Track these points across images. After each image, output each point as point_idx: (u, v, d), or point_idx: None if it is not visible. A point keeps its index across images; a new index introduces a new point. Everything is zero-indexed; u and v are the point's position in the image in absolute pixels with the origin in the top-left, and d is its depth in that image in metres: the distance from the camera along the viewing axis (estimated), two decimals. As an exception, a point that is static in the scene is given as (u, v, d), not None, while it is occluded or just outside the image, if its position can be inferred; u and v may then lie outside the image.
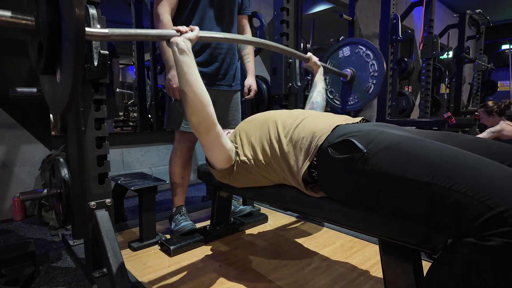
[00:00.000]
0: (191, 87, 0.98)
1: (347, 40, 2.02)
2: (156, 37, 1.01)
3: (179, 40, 1.00)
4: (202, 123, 1.00)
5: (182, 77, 0.99)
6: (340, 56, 2.02)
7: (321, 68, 1.64)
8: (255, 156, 1.06)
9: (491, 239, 0.53)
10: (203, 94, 0.99)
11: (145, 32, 0.97)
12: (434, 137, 0.90)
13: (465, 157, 0.65)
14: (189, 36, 1.03)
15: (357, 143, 0.79)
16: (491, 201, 0.55)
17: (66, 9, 0.69)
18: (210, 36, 1.14)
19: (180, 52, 0.99)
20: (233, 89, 1.76)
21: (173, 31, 1.02)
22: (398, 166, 0.70)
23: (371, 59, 1.86)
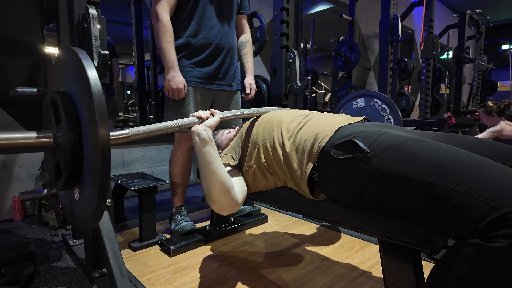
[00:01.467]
0: (215, 176, 0.94)
1: (361, 92, 1.96)
2: (177, 128, 0.96)
3: (200, 129, 0.96)
4: (226, 209, 0.99)
5: (206, 167, 0.95)
6: (354, 107, 1.97)
7: None
8: (258, 159, 1.06)
9: (497, 240, 0.53)
10: (227, 181, 0.96)
11: (165, 125, 0.93)
12: (437, 138, 0.90)
13: (469, 158, 0.65)
14: (210, 123, 0.99)
15: (360, 143, 0.79)
16: (495, 202, 0.55)
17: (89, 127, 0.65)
18: (231, 115, 1.13)
19: (202, 142, 0.95)
20: (233, 89, 1.76)
21: (195, 119, 0.98)
22: (401, 166, 0.70)
23: (387, 114, 1.81)
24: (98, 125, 0.62)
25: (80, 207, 0.76)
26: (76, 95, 0.71)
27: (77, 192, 0.76)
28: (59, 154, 0.74)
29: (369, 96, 1.92)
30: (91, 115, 0.63)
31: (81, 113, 0.69)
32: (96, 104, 0.62)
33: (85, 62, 0.65)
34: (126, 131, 0.83)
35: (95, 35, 1.05)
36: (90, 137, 0.66)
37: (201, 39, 1.58)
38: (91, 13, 1.07)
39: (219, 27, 1.62)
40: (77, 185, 0.76)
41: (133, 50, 3.31)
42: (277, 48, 1.95)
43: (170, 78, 1.51)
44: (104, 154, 0.63)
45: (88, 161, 0.68)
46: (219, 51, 1.63)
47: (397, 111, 1.80)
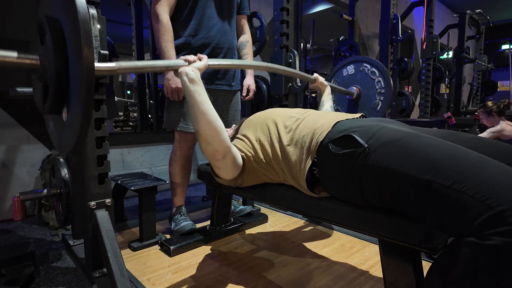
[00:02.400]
0: (205, 116, 0.96)
1: (350, 59, 1.99)
2: (164, 68, 0.99)
3: (188, 70, 0.98)
4: (219, 151, 0.99)
5: (195, 107, 0.96)
6: (345, 75, 2.00)
7: (328, 87, 1.64)
8: (255, 154, 1.06)
9: (492, 238, 0.53)
10: (217, 122, 0.97)
11: (153, 64, 0.95)
12: (436, 134, 0.90)
13: (466, 155, 0.65)
14: (198, 65, 1.01)
15: (358, 138, 0.79)
16: (491, 201, 0.55)
17: (74, 48, 0.67)
18: (219, 63, 1.13)
19: (190, 82, 0.97)
20: (233, 89, 1.76)
21: (182, 61, 1.00)
22: (399, 162, 0.70)
23: (377, 76, 1.85)
24: (83, 46, 0.63)
25: (68, 129, 0.78)
26: (63, 19, 0.72)
27: (65, 113, 0.79)
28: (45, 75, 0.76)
29: (358, 62, 1.95)
30: (77, 37, 0.64)
31: (67, 36, 0.71)
32: (82, 26, 0.63)
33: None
34: (113, 64, 0.85)
35: (95, 35, 1.05)
36: (75, 57, 0.67)
37: (200, 39, 1.58)
38: (91, 13, 1.07)
39: (218, 26, 1.62)
40: (64, 107, 0.78)
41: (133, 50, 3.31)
42: (277, 48, 1.95)
43: (170, 78, 1.51)
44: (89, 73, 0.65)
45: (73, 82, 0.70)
46: (218, 51, 1.63)
47: (386, 73, 1.82)
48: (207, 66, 1.06)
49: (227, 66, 1.17)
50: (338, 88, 1.85)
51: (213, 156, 1.01)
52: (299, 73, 1.53)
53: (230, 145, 1.01)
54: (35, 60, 0.77)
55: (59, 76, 0.72)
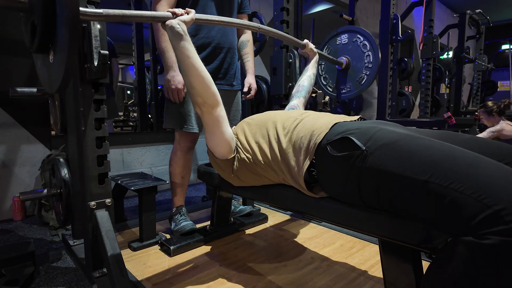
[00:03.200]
0: (194, 70, 1.00)
1: (346, 28, 2.01)
2: (150, 19, 1.01)
3: (174, 22, 1.00)
4: (207, 101, 1.03)
5: (184, 61, 1.00)
6: (338, 43, 2.02)
7: (317, 55, 1.67)
8: (254, 156, 1.06)
9: (489, 237, 0.54)
10: (206, 75, 1.02)
11: (140, 14, 0.97)
12: (433, 135, 0.90)
13: (463, 155, 0.65)
14: (184, 18, 1.03)
15: (356, 140, 0.79)
16: (488, 200, 0.56)
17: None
18: (206, 18, 1.14)
19: (175, 35, 0.99)
20: (233, 89, 1.76)
21: (168, 14, 1.02)
22: (397, 163, 0.70)
23: (368, 50, 1.86)
24: None
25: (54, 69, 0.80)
26: None
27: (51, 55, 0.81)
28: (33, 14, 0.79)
29: (352, 32, 1.96)
30: None
31: None
32: None
33: None
34: (100, 10, 0.88)
35: (95, 35, 1.05)
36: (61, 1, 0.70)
37: (201, 39, 1.58)
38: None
39: (219, 26, 1.61)
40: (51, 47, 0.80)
41: (133, 50, 3.31)
42: (277, 48, 1.95)
43: (170, 78, 1.51)
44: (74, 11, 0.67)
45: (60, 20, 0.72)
46: (219, 51, 1.63)
47: (377, 48, 1.85)
48: (194, 20, 1.08)
49: (215, 23, 1.19)
50: (328, 57, 1.85)
51: (202, 107, 1.04)
52: (288, 37, 1.55)
53: (219, 100, 1.06)
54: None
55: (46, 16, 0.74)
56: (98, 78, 1.12)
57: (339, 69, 1.99)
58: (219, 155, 1.13)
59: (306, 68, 1.65)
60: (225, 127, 1.09)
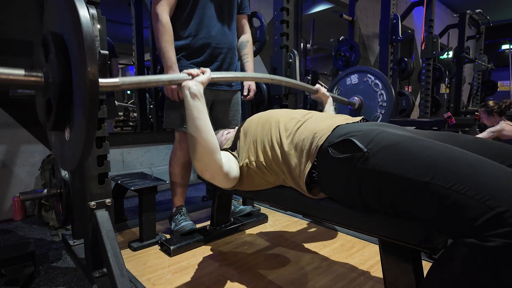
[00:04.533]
0: (200, 133, 0.94)
1: (355, 68, 1.98)
2: (167, 82, 0.98)
3: (191, 84, 0.97)
4: (208, 170, 0.98)
5: (192, 122, 0.96)
6: (348, 83, 1.99)
7: (330, 98, 1.64)
8: (256, 158, 1.06)
9: (492, 239, 0.53)
10: (212, 141, 0.95)
11: (156, 78, 0.94)
12: (435, 137, 0.90)
13: (465, 157, 0.65)
14: (201, 79, 1.00)
15: (357, 142, 0.79)
16: (491, 202, 0.55)
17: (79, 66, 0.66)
18: (221, 76, 1.13)
19: (191, 97, 0.96)
20: (233, 89, 1.76)
21: (185, 75, 1.00)
22: (398, 165, 0.70)
23: (380, 89, 1.84)
24: (87, 64, 0.62)
25: (70, 147, 0.77)
26: (67, 36, 0.72)
27: (67, 133, 0.77)
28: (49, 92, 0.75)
29: (363, 72, 1.94)
30: (81, 55, 0.64)
31: (71, 53, 0.70)
32: (87, 44, 0.63)
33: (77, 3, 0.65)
34: (116, 80, 0.84)
35: (95, 35, 1.05)
36: (79, 76, 0.67)
37: (201, 39, 1.58)
38: (91, 13, 1.07)
39: (219, 26, 1.61)
40: (67, 125, 0.77)
41: (133, 50, 3.31)
42: (277, 48, 1.95)
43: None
44: (93, 92, 0.64)
45: (77, 100, 0.69)
46: (219, 51, 1.63)
47: (389, 86, 1.82)
48: (210, 80, 1.05)
49: (230, 79, 1.17)
50: (340, 99, 1.84)
51: (202, 174, 1.00)
52: (302, 84, 1.53)
53: (221, 167, 0.99)
54: (39, 77, 0.76)
55: (62, 93, 0.71)
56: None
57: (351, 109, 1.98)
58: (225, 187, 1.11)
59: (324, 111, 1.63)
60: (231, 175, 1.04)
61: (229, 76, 1.16)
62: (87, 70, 0.62)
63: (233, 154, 1.13)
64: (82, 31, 0.62)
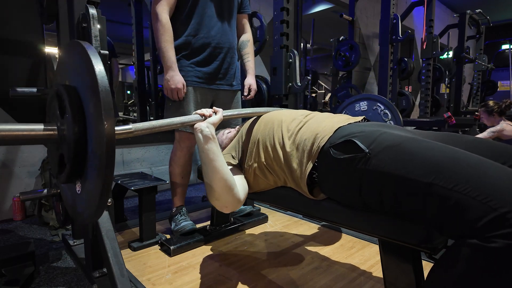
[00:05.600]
0: (218, 174, 0.94)
1: (365, 95, 1.97)
2: (180, 125, 0.97)
3: (203, 126, 0.96)
4: (228, 206, 0.99)
5: (209, 164, 0.94)
6: (357, 109, 1.97)
7: None
8: (258, 159, 1.06)
9: (494, 240, 0.53)
10: (230, 179, 0.95)
11: (169, 122, 0.94)
12: (436, 137, 0.90)
13: (467, 158, 0.65)
14: (213, 120, 1.00)
15: (359, 143, 0.79)
16: (493, 203, 0.55)
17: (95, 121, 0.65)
18: (232, 114, 1.12)
19: (205, 139, 0.95)
20: (233, 89, 1.76)
21: (197, 116, 0.99)
22: (400, 166, 0.70)
23: (389, 119, 1.83)
24: (104, 120, 0.61)
25: (81, 201, 0.75)
26: (82, 89, 0.71)
27: (79, 186, 0.76)
28: (63, 147, 0.74)
29: (372, 100, 1.92)
30: (98, 111, 0.63)
31: (86, 107, 0.69)
32: (103, 100, 0.62)
33: (92, 56, 0.64)
34: (129, 126, 0.83)
35: (95, 35, 1.05)
36: (95, 132, 0.65)
37: (201, 39, 1.58)
38: (91, 13, 1.07)
39: (219, 26, 1.61)
40: (79, 179, 0.75)
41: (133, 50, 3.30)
42: (277, 48, 1.95)
43: (169, 78, 1.51)
44: (110, 149, 0.62)
45: (92, 156, 0.68)
46: (219, 51, 1.62)
47: (398, 117, 1.81)
48: (222, 119, 1.04)
49: (243, 115, 1.17)
50: None
51: (221, 209, 1.00)
52: None
53: (240, 198, 1.00)
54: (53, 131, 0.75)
55: (77, 149, 0.69)
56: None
57: None
58: None
59: None
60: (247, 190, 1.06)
61: (242, 113, 1.16)
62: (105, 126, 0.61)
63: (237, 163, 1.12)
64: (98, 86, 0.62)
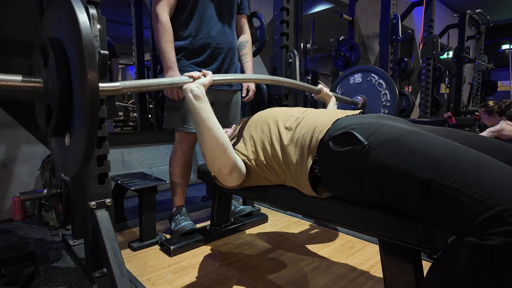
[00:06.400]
0: (211, 133, 0.95)
1: (359, 68, 1.97)
2: (168, 85, 0.98)
3: (193, 86, 0.98)
4: (226, 166, 0.99)
5: (201, 124, 0.96)
6: (351, 83, 1.98)
7: (333, 98, 1.64)
8: (255, 156, 1.05)
9: (491, 238, 0.53)
10: (224, 137, 0.97)
11: (157, 82, 0.95)
12: (436, 132, 0.89)
13: (466, 153, 0.64)
14: (203, 81, 1.01)
15: (358, 135, 0.78)
16: (490, 200, 0.55)
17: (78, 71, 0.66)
18: (223, 78, 1.13)
19: (195, 98, 0.97)
20: (233, 89, 1.76)
21: (186, 78, 1.00)
22: (399, 160, 0.69)
23: (384, 89, 1.83)
24: (87, 70, 0.62)
25: (70, 154, 0.77)
26: (66, 41, 0.71)
27: (67, 138, 0.78)
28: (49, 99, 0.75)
29: (366, 71, 1.92)
30: (81, 61, 0.63)
31: (71, 59, 0.70)
32: (87, 50, 0.62)
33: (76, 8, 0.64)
34: (117, 84, 0.84)
35: (95, 35, 1.05)
36: (79, 83, 0.66)
37: (201, 39, 1.58)
38: (91, 13, 1.07)
39: (219, 26, 1.61)
40: (67, 131, 0.77)
41: (133, 50, 3.31)
42: (277, 48, 1.95)
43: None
44: (93, 99, 0.64)
45: (77, 107, 0.69)
46: (219, 51, 1.63)
47: (393, 86, 1.81)
48: (212, 82, 1.05)
49: (232, 81, 1.17)
50: (343, 98, 1.83)
51: (219, 172, 1.01)
52: (304, 84, 1.53)
53: (236, 159, 1.01)
54: (38, 83, 0.76)
55: (62, 99, 0.70)
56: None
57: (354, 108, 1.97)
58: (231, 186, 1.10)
59: None
60: (242, 172, 1.05)
61: (231, 78, 1.16)
62: (87, 77, 0.62)
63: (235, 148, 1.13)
64: (81, 37, 0.62)
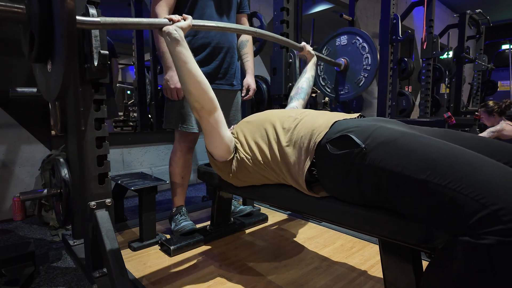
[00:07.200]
0: (191, 76, 1.00)
1: (346, 29, 2.01)
2: (147, 26, 1.01)
3: (171, 29, 1.00)
4: (205, 107, 1.03)
5: (181, 67, 1.00)
6: (337, 44, 2.02)
7: (314, 57, 1.68)
8: (253, 156, 1.06)
9: (486, 237, 0.54)
10: (203, 81, 1.02)
11: (137, 21, 0.98)
12: (434, 133, 0.90)
13: (463, 154, 0.65)
14: (181, 25, 1.04)
15: (355, 138, 0.79)
16: (485, 200, 0.55)
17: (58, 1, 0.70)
18: (203, 24, 1.16)
19: (172, 41, 1.00)
20: (233, 89, 1.75)
21: (165, 20, 1.03)
22: (396, 162, 0.70)
23: (366, 52, 1.87)
24: None
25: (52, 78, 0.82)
26: None
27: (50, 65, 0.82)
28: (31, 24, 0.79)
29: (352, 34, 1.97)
30: None
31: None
32: None
33: None
34: (98, 19, 0.89)
35: (95, 35, 1.05)
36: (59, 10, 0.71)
37: (200, 39, 1.58)
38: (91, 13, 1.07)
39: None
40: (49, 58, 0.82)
41: (133, 50, 3.31)
42: (277, 48, 1.95)
43: (169, 78, 1.51)
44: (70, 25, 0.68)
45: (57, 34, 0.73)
46: (218, 51, 1.62)
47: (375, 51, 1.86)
48: (191, 26, 1.09)
49: (212, 28, 1.20)
50: (326, 59, 1.86)
51: (199, 112, 1.05)
52: (286, 40, 1.57)
53: (216, 106, 1.06)
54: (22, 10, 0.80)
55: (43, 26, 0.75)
56: (98, 78, 1.12)
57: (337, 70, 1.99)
58: (218, 157, 1.13)
59: (305, 70, 1.65)
60: (223, 130, 1.09)
61: (211, 25, 1.19)
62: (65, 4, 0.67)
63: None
64: None
